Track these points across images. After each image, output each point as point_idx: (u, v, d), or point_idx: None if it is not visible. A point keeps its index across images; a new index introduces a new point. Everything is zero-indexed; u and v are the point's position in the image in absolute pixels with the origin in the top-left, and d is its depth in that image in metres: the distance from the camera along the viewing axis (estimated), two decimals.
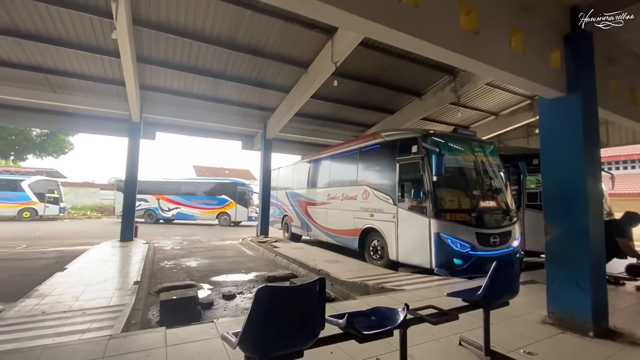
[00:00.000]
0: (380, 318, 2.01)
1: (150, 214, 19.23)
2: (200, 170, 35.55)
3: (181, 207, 19.27)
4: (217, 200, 19.25)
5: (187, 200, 19.30)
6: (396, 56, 7.72)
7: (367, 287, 4.92)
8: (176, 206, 19.31)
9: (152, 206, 19.28)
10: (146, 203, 19.01)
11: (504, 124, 12.14)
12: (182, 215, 19.24)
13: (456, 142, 6.29)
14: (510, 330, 3.18)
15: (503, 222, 5.94)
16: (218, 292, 5.37)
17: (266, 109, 10.56)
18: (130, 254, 7.72)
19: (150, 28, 6.54)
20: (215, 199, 19.30)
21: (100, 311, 3.73)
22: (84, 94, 8.91)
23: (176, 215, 19.28)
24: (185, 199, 19.34)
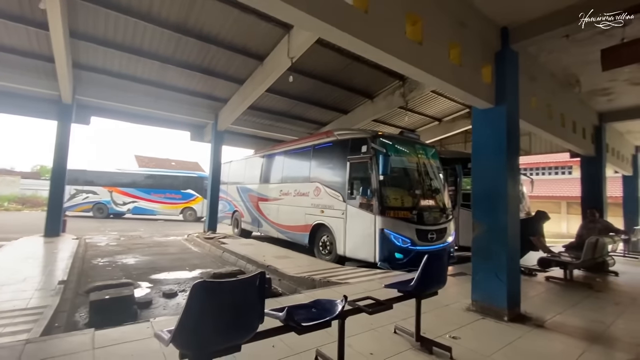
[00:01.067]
0: (320, 310, 2.09)
1: (100, 207, 17.44)
2: (143, 161, 33.01)
3: (139, 201, 17.80)
4: (182, 195, 18.20)
5: (146, 194, 17.86)
6: (351, 58, 7.93)
7: (314, 282, 5.03)
8: (133, 200, 17.77)
9: (103, 199, 17.51)
10: (95, 196, 17.30)
11: (445, 129, 13.13)
12: (140, 210, 17.80)
13: (402, 144, 6.68)
14: (439, 317, 3.49)
15: (440, 220, 6.45)
16: (158, 290, 5.09)
17: (218, 100, 10.16)
18: (55, 250, 6.95)
19: (87, 1, 5.91)
20: (179, 193, 18.21)
21: (17, 314, 3.33)
22: (3, 69, 7.76)
23: (132, 210, 17.76)
24: (144, 193, 17.87)
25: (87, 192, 17.27)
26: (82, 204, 17.19)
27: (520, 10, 3.55)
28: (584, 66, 5.07)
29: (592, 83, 5.81)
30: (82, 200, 17.19)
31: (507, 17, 3.70)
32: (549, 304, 4.22)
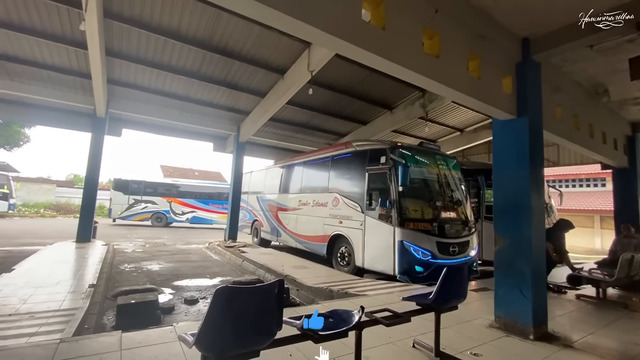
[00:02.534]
0: (337, 320, 2.11)
1: (159, 217, 18.51)
2: (168, 171, 34.27)
3: (198, 211, 18.98)
4: None
5: (204, 205, 19.05)
6: (370, 70, 8.01)
7: (332, 293, 5.02)
8: (192, 210, 18.92)
9: (163, 209, 18.63)
10: (154, 205, 18.37)
11: (467, 140, 12.88)
12: (198, 220, 18.96)
13: (421, 155, 6.63)
14: (460, 333, 3.40)
15: (462, 233, 6.31)
16: (180, 296, 5.24)
17: (240, 112, 10.50)
18: (86, 255, 7.31)
19: (122, 22, 6.35)
20: None
21: (51, 315, 3.54)
22: (45, 84, 8.41)
23: (191, 219, 18.92)
24: (202, 203, 19.06)
25: (146, 202, 18.34)
26: (140, 213, 18.26)
27: (542, 21, 3.51)
28: (612, 75, 4.90)
29: (623, 92, 5.58)
30: (141, 210, 18.27)
31: (528, 28, 3.67)
32: (579, 323, 4.01)
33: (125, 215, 17.98)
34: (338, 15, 2.33)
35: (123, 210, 17.89)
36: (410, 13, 2.83)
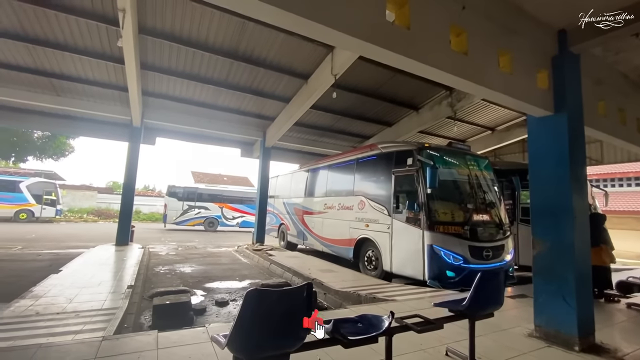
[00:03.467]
0: (366, 325, 2.07)
1: (211, 222, 19.56)
2: (198, 177, 35.54)
3: (247, 215, 19.95)
4: None
5: (252, 209, 19.79)
6: (394, 70, 7.91)
7: (360, 297, 4.96)
8: (241, 215, 19.99)
9: (215, 214, 19.69)
10: (207, 211, 19.42)
11: (499, 139, 12.33)
12: (248, 224, 19.71)
13: (450, 155, 6.42)
14: (497, 342, 3.23)
15: (496, 236, 6.02)
16: (211, 298, 5.39)
17: (266, 118, 10.72)
18: (125, 258, 7.72)
19: (155, 37, 6.71)
20: None
21: (94, 314, 3.76)
22: (87, 99, 9.06)
23: (241, 224, 19.93)
24: (251, 209, 19.76)
25: (199, 207, 19.41)
26: (194, 218, 19.31)
27: (580, 11, 3.30)
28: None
29: None
30: (195, 215, 19.32)
31: (564, 19, 3.46)
32: (631, 334, 3.69)
33: (180, 221, 18.98)
34: (361, 18, 2.32)
35: (178, 215, 18.92)
36: (436, 11, 2.76)
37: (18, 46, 6.92)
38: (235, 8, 2.07)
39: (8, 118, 9.86)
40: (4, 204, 19.06)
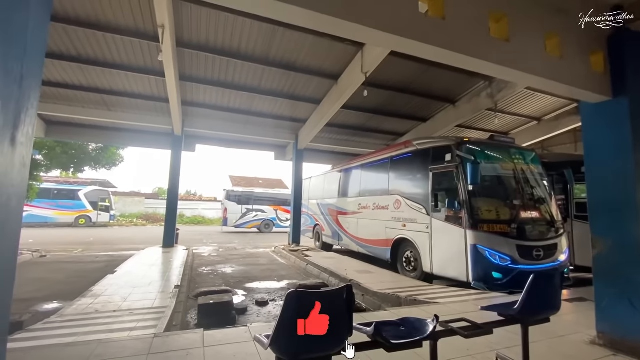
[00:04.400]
0: (409, 329, 2.00)
1: (267, 223, 20.60)
2: (235, 180, 36.81)
3: None
4: None
5: None
6: (428, 64, 7.63)
7: (399, 299, 4.83)
8: None
9: (270, 216, 20.70)
10: (263, 214, 20.50)
11: (547, 129, 11.44)
12: None
13: (493, 149, 6.05)
14: (554, 350, 2.98)
15: (547, 234, 5.59)
16: (252, 298, 5.55)
17: (298, 120, 10.85)
18: (171, 259, 8.20)
19: (191, 49, 7.07)
20: None
21: (145, 312, 4.02)
22: (133, 111, 9.76)
23: None
24: None
25: (256, 210, 20.44)
26: (252, 221, 20.37)
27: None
28: None
29: None
30: (253, 218, 20.38)
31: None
32: None
33: (239, 224, 19.99)
34: (393, 12, 2.25)
35: (237, 219, 19.95)
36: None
37: (73, 67, 7.62)
38: (269, 14, 2.10)
39: (67, 133, 10.91)
40: (66, 210, 21.15)
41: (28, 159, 1.51)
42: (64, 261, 8.71)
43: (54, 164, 15.64)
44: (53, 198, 20.79)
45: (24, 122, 1.44)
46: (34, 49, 1.52)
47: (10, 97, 1.36)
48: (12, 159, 1.37)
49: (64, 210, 21.11)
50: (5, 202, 1.34)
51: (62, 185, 22.33)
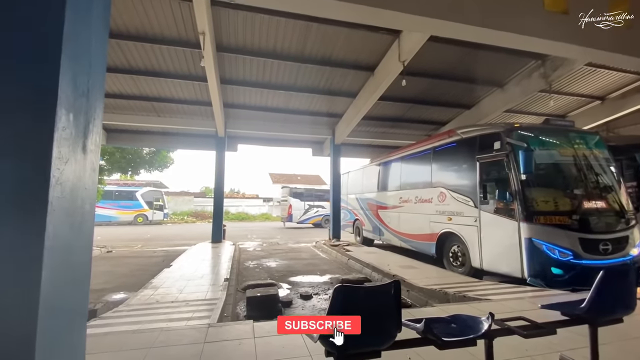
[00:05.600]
0: (461, 326, 1.92)
1: (328, 219, 21.76)
2: (275, 177, 37.88)
3: None
4: None
5: None
6: (470, 46, 7.15)
7: (447, 295, 4.66)
8: None
9: (329, 212, 21.95)
10: (323, 209, 21.41)
11: (612, 109, 10.19)
12: None
13: (549, 134, 5.56)
14: (627, 353, 2.68)
15: (616, 226, 5.04)
16: (296, 291, 5.68)
17: (334, 115, 10.82)
18: (220, 254, 8.67)
19: (230, 52, 7.34)
20: None
21: (199, 303, 4.30)
22: (180, 116, 10.40)
23: None
24: None
25: (317, 206, 21.49)
26: (314, 216, 21.40)
27: None
28: None
29: None
30: (314, 214, 21.39)
31: None
32: None
33: (303, 219, 21.01)
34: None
35: (301, 215, 21.02)
36: None
37: (126, 78, 8.30)
38: (306, 11, 2.12)
39: (123, 139, 11.96)
40: (126, 210, 23.32)
41: (97, 164, 1.67)
42: (127, 256, 9.59)
43: (115, 168, 17.23)
44: (115, 199, 23.00)
45: (92, 132, 1.59)
46: (97, 64, 1.67)
47: (80, 109, 1.51)
48: (84, 165, 1.52)
49: (124, 210, 23.30)
50: (80, 205, 1.50)
51: (122, 187, 24.59)
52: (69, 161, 1.27)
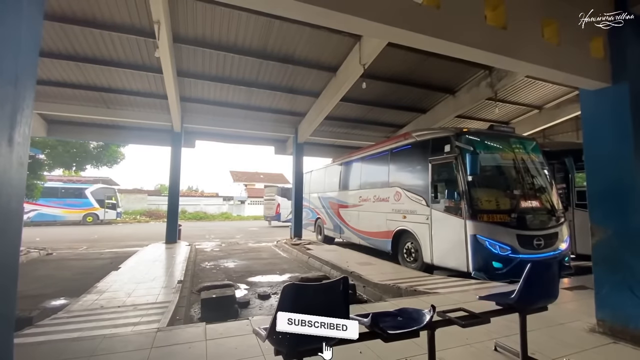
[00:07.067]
0: (406, 319, 2.02)
1: None
2: (236, 175, 36.91)
3: None
4: None
5: None
6: (426, 54, 7.55)
7: (400, 290, 4.87)
8: None
9: None
10: None
11: (548, 117, 11.34)
12: None
13: (493, 139, 6.03)
14: (552, 337, 3.00)
15: (548, 223, 5.60)
16: (254, 292, 5.60)
17: (297, 114, 10.80)
18: (174, 255, 8.27)
19: (188, 44, 7.02)
20: None
21: (149, 307, 4.08)
22: (132, 108, 9.74)
23: None
24: None
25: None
26: None
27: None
28: None
29: None
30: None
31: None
32: None
33: (290, 218, 20.47)
34: (389, 3, 2.22)
35: (288, 213, 20.55)
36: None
37: (71, 65, 7.59)
38: (262, 8, 2.08)
39: (67, 132, 10.94)
40: (73, 209, 21.38)
41: (25, 158, 1.52)
42: (70, 258, 8.80)
43: (57, 163, 15.72)
44: (61, 197, 20.99)
45: (20, 122, 1.45)
46: (28, 49, 1.52)
47: (6, 98, 1.37)
48: (9, 159, 1.38)
49: (71, 209, 21.37)
50: (5, 202, 1.35)
51: (69, 184, 22.48)
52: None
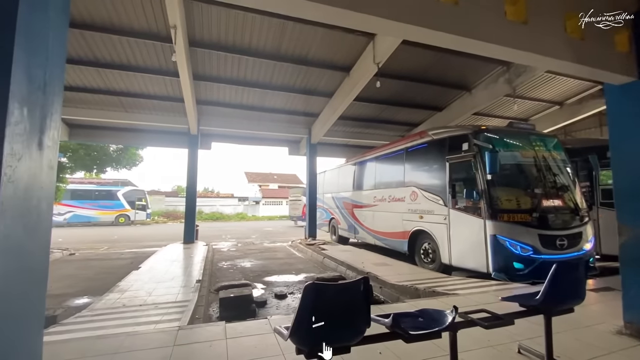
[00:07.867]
0: (427, 320, 2.00)
1: None
2: (251, 176, 37.33)
3: None
4: None
5: None
6: (442, 51, 7.42)
7: (418, 291, 4.81)
8: None
9: None
10: None
11: (570, 113, 10.96)
12: None
13: (512, 137, 5.88)
14: (578, 340, 2.90)
15: (571, 223, 5.41)
16: (271, 291, 5.65)
17: (310, 115, 10.83)
18: (192, 255, 8.43)
19: (203, 48, 7.15)
20: None
21: (169, 306, 4.17)
22: (150, 112, 10.00)
23: None
24: None
25: None
26: None
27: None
28: None
29: None
30: None
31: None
32: None
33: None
34: (405, 0, 2.20)
35: None
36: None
37: (91, 71, 7.87)
38: (277, 9, 2.10)
39: (89, 135, 11.34)
40: (107, 210, 22.25)
41: (55, 161, 1.59)
42: (92, 258, 9.11)
43: (78, 166, 16.25)
44: (95, 199, 21.84)
45: (50, 127, 1.51)
46: (55, 56, 1.59)
47: (36, 104, 1.43)
48: (40, 163, 1.44)
49: (105, 210, 22.24)
50: (36, 204, 1.42)
51: (102, 186, 23.37)
52: (22, 158, 1.21)
